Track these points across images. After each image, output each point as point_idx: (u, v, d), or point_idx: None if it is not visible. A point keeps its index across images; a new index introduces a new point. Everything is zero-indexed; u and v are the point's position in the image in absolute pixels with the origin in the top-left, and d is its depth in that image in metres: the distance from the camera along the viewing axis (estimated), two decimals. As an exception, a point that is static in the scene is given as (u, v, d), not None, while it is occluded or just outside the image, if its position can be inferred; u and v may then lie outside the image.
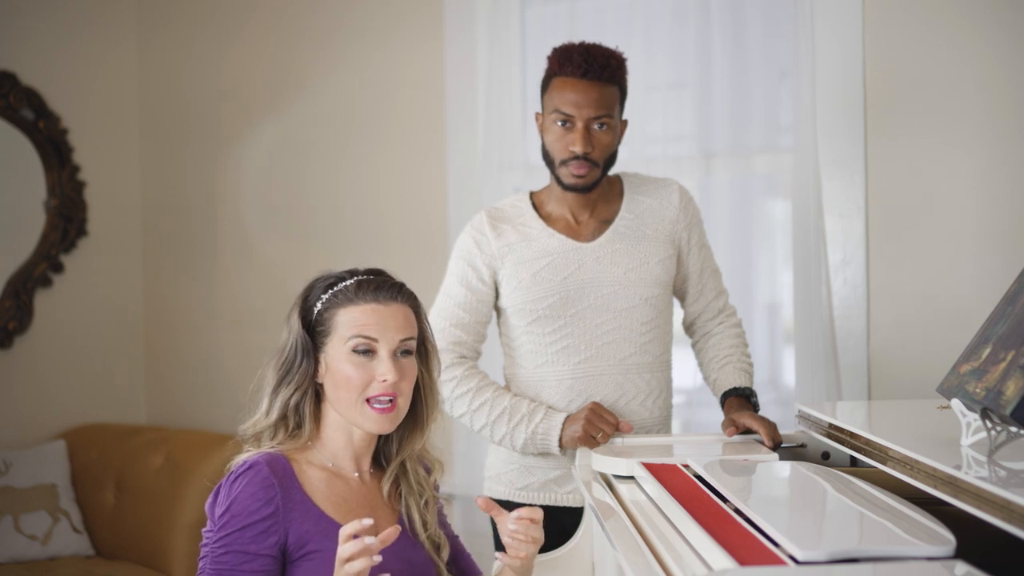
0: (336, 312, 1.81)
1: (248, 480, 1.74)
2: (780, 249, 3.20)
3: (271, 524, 1.73)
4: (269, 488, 1.74)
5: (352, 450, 1.85)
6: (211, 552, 1.74)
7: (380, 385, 1.78)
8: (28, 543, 3.47)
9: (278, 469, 1.77)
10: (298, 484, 1.78)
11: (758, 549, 1.41)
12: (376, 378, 1.78)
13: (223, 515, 1.74)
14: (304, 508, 1.76)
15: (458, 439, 3.33)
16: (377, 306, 1.81)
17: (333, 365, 1.80)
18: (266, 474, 1.75)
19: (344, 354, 1.79)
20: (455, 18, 3.38)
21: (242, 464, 1.77)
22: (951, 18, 2.76)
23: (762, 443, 2.19)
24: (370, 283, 1.82)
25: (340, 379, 1.79)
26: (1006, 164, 2.71)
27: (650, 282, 2.42)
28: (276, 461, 1.78)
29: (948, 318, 2.76)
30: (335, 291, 1.82)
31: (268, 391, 1.83)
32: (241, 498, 1.73)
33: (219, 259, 3.93)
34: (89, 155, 3.95)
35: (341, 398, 1.80)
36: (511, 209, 2.49)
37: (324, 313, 1.82)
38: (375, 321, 1.80)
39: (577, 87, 2.33)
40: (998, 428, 1.53)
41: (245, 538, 1.72)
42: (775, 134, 3.09)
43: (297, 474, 1.79)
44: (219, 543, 1.73)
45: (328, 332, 1.81)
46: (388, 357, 1.79)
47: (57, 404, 3.87)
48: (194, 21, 3.96)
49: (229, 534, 1.72)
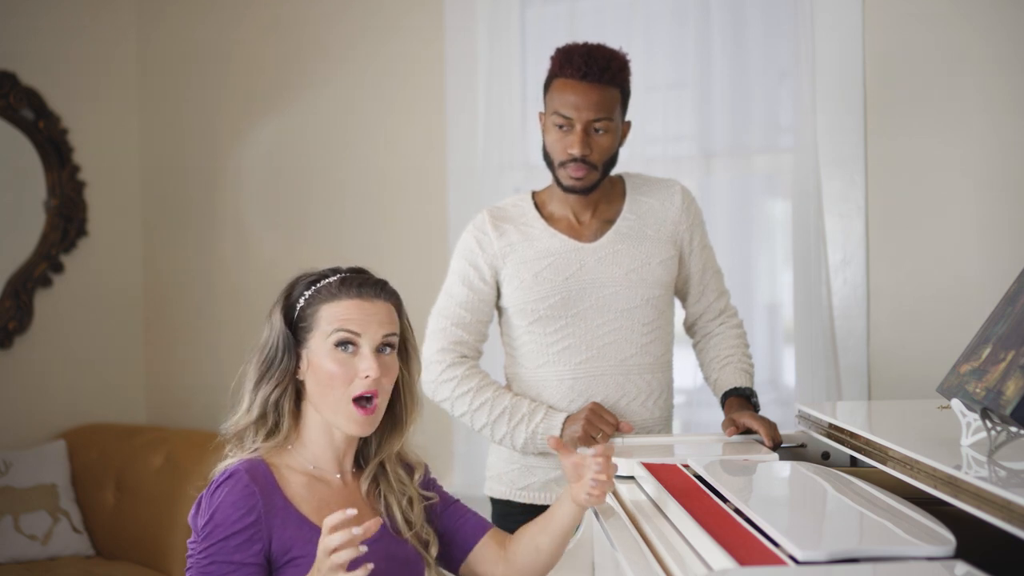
0: (319, 308, 1.80)
1: (229, 489, 1.74)
2: (780, 249, 3.20)
3: (254, 532, 1.72)
4: (250, 496, 1.73)
5: (333, 450, 1.84)
6: (196, 563, 1.73)
7: (363, 382, 1.77)
8: (28, 543, 3.47)
9: (258, 476, 1.76)
10: (279, 490, 1.78)
11: (758, 549, 1.41)
12: (359, 374, 1.78)
13: (206, 525, 1.73)
14: (286, 514, 1.76)
15: (459, 439, 3.33)
16: (360, 302, 1.80)
17: (315, 361, 1.80)
18: (246, 482, 1.74)
19: (326, 350, 1.79)
20: (455, 18, 3.38)
21: (222, 473, 1.77)
22: (951, 18, 2.76)
23: (762, 443, 2.19)
24: (353, 279, 1.82)
25: (322, 375, 1.79)
26: (1006, 164, 2.71)
27: (652, 283, 2.42)
28: (256, 468, 1.77)
29: (948, 318, 2.76)
30: (318, 287, 1.82)
31: (249, 388, 1.83)
32: (223, 507, 1.73)
33: (219, 259, 3.94)
34: (89, 155, 3.95)
35: (324, 395, 1.79)
36: (513, 209, 2.49)
37: (307, 309, 1.81)
38: (358, 316, 1.79)
39: (577, 89, 2.33)
40: (998, 428, 1.53)
41: (229, 547, 1.72)
42: (775, 134, 3.09)
43: (278, 480, 1.79)
44: (203, 554, 1.73)
45: (310, 328, 1.81)
46: (370, 353, 1.78)
47: (57, 404, 3.87)
48: (194, 21, 3.96)
49: (213, 544, 1.72)
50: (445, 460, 3.35)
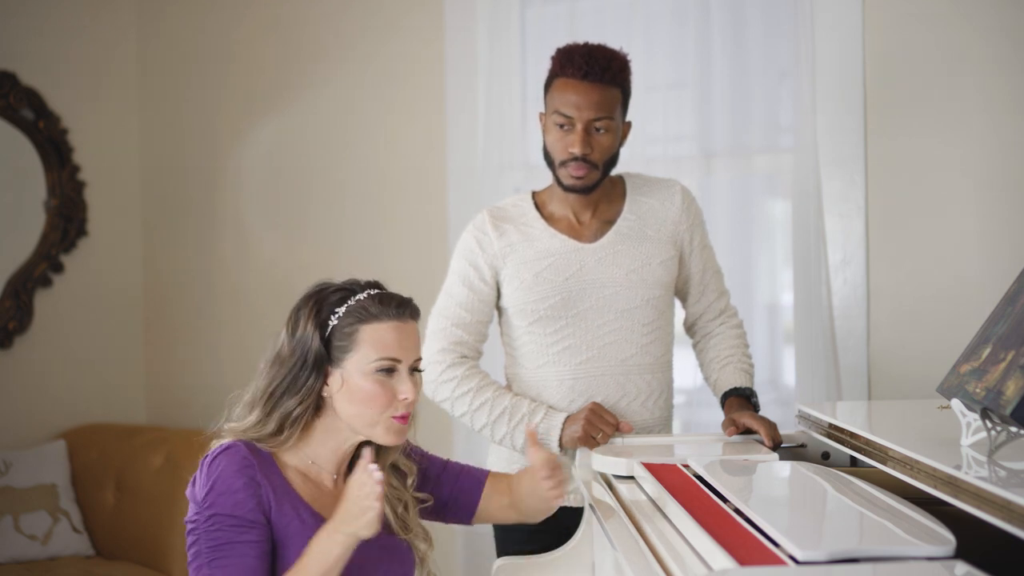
0: (358, 328, 1.79)
1: (228, 459, 1.75)
2: (780, 249, 3.20)
3: (257, 499, 1.74)
4: (249, 467, 1.75)
5: (337, 457, 1.86)
6: (203, 532, 1.73)
7: (403, 404, 1.81)
8: (28, 543, 3.47)
9: (255, 451, 1.78)
10: (276, 468, 1.80)
11: (758, 549, 1.41)
12: (398, 396, 1.80)
13: (208, 495, 1.74)
14: (284, 490, 1.78)
15: (458, 439, 3.33)
16: (399, 324, 1.82)
17: (352, 382, 1.79)
18: (244, 453, 1.76)
19: (368, 372, 1.79)
20: (455, 18, 3.39)
21: (219, 446, 1.78)
22: (951, 18, 2.77)
23: (762, 443, 2.19)
24: (390, 299, 1.83)
25: (361, 396, 1.79)
26: (1006, 164, 2.71)
27: (652, 283, 2.42)
28: (254, 446, 1.79)
29: (948, 318, 2.76)
30: (351, 306, 1.81)
31: (263, 398, 1.80)
32: (224, 476, 1.74)
33: (219, 259, 3.94)
34: (89, 155, 3.95)
35: (359, 414, 1.80)
36: (513, 209, 2.49)
37: (345, 328, 1.80)
38: (397, 340, 1.81)
39: (578, 89, 2.33)
40: (998, 428, 1.53)
41: (236, 513, 1.72)
42: (775, 134, 3.09)
43: (276, 461, 1.81)
44: (209, 521, 1.73)
45: (349, 348, 1.79)
46: (407, 376, 1.82)
47: (57, 404, 3.88)
48: (194, 21, 3.96)
49: (218, 512, 1.72)
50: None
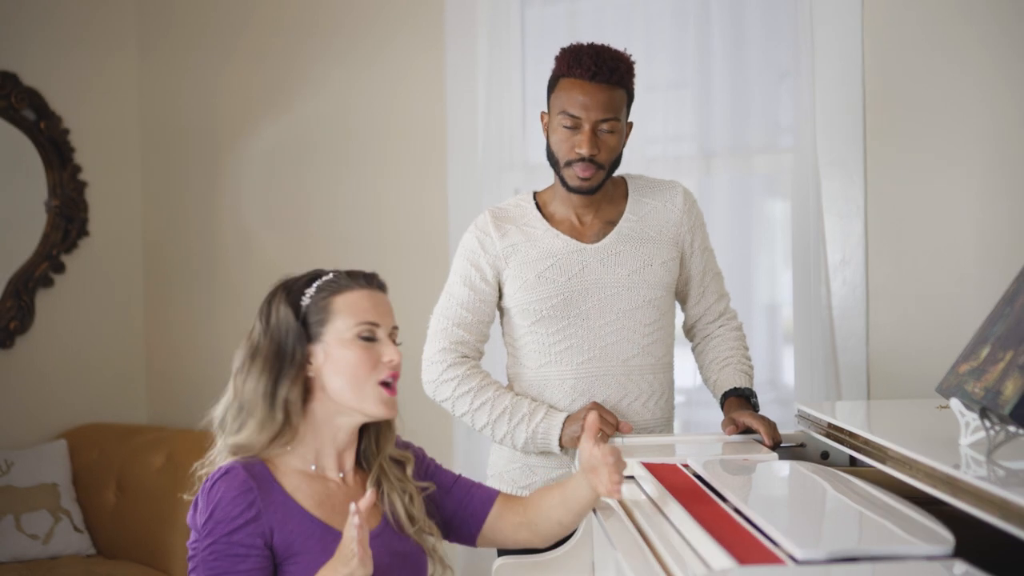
0: (332, 299, 1.82)
1: (227, 485, 1.75)
2: (780, 249, 3.21)
3: (256, 525, 1.73)
4: (248, 491, 1.74)
5: (335, 448, 1.85)
6: (202, 560, 1.73)
7: (388, 366, 1.81)
8: (29, 542, 3.48)
9: (255, 472, 1.77)
10: (277, 484, 1.79)
11: (758, 548, 1.42)
12: (382, 359, 1.81)
13: (207, 522, 1.74)
14: (287, 508, 1.77)
15: (459, 438, 3.33)
16: (371, 291, 1.85)
17: (335, 353, 1.80)
18: (244, 477, 1.75)
19: (349, 340, 1.80)
20: (455, 20, 3.39)
21: (217, 471, 1.78)
22: (950, 19, 2.77)
23: (762, 443, 2.19)
24: (355, 272, 1.86)
25: (344, 364, 1.79)
26: (1005, 164, 2.71)
27: (653, 284, 2.42)
28: (252, 465, 1.78)
29: (947, 318, 2.76)
30: (320, 283, 1.83)
31: (262, 393, 1.80)
32: (223, 503, 1.74)
33: (219, 259, 3.94)
34: (90, 156, 3.96)
35: (347, 385, 1.80)
36: (515, 209, 2.49)
37: (320, 303, 1.82)
38: (372, 306, 1.83)
39: (586, 89, 2.33)
40: (997, 428, 1.53)
41: (234, 540, 1.72)
42: (775, 134, 3.10)
43: (275, 475, 1.80)
44: (208, 550, 1.73)
45: (325, 320, 1.81)
46: (388, 339, 1.83)
47: (58, 404, 3.88)
48: (194, 23, 3.96)
49: (217, 540, 1.73)
50: (446, 459, 3.34)
